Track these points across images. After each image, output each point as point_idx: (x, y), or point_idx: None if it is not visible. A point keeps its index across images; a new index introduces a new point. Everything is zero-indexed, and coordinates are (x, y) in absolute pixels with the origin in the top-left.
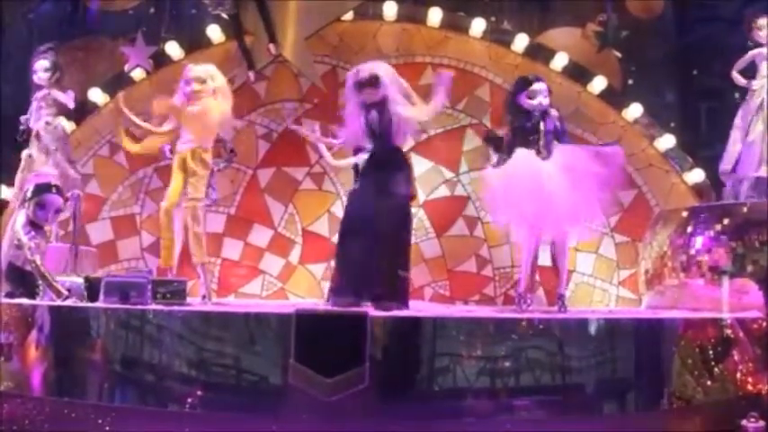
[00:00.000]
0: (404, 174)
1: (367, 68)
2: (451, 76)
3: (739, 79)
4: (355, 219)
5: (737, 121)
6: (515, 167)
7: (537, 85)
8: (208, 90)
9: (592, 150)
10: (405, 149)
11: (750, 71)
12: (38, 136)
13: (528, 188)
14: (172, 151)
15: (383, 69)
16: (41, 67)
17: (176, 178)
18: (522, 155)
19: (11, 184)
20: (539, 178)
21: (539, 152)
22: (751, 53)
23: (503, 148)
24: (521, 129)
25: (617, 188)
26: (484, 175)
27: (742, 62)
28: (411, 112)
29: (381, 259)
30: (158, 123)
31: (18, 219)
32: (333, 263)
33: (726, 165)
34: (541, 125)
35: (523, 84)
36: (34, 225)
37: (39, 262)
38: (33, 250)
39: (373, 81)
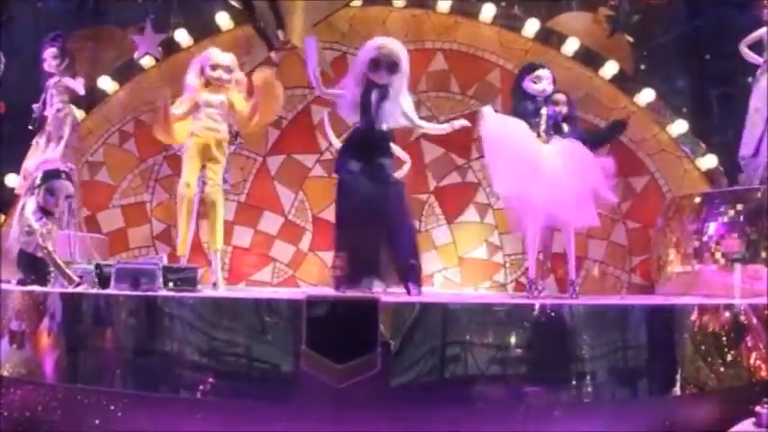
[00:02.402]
0: (393, 158)
1: (391, 50)
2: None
3: (749, 54)
4: (360, 204)
5: (755, 102)
6: (512, 136)
7: (541, 71)
8: (232, 80)
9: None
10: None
11: (757, 50)
12: (47, 123)
13: (523, 162)
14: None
15: (404, 58)
16: (51, 55)
17: (195, 164)
18: (522, 126)
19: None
20: (534, 156)
21: (539, 136)
22: (759, 31)
23: None
24: (523, 112)
25: (614, 176)
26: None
27: (750, 38)
28: (412, 114)
29: (392, 246)
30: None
31: (28, 205)
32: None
33: (746, 150)
34: (543, 110)
35: (529, 69)
36: (45, 211)
37: (50, 248)
38: (45, 237)
39: (393, 68)
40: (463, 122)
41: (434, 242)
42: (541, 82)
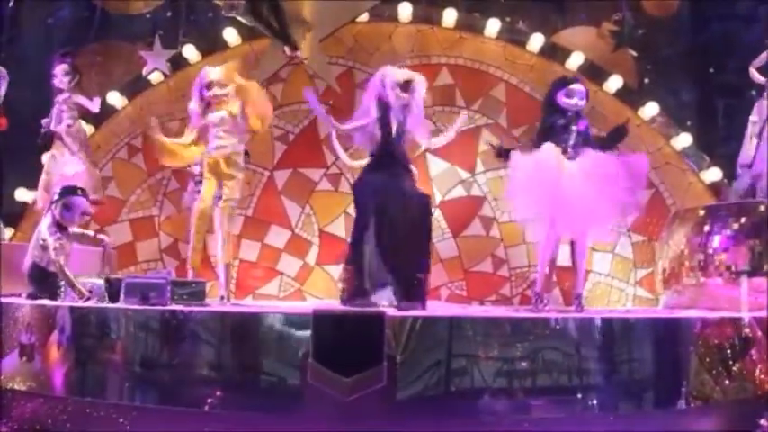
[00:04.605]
0: (413, 177)
1: (406, 72)
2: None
3: (757, 76)
4: (377, 218)
5: (753, 116)
6: (539, 161)
7: (576, 86)
8: (230, 93)
9: (619, 159)
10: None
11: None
12: (61, 138)
13: (549, 183)
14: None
15: (421, 79)
16: (62, 71)
17: (210, 183)
18: (548, 149)
19: (30, 186)
20: (561, 175)
21: (566, 151)
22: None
23: (527, 146)
24: (552, 126)
25: (640, 194)
26: (511, 164)
27: (759, 60)
28: (426, 133)
29: (402, 260)
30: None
31: (44, 220)
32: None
33: (744, 159)
34: (573, 126)
35: (563, 82)
36: (60, 226)
37: (62, 262)
38: (58, 251)
39: (409, 86)
40: (463, 118)
41: (440, 255)
42: (574, 96)
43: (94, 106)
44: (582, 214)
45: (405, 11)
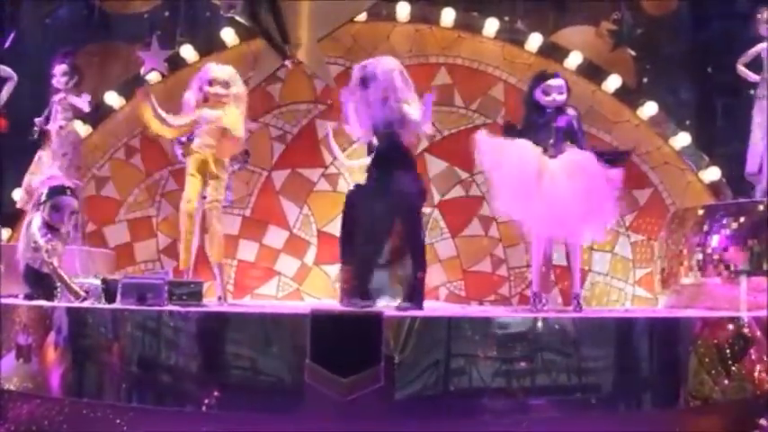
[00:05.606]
0: (412, 171)
1: (370, 64)
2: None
3: (746, 73)
4: (367, 218)
5: (756, 119)
6: (517, 161)
7: (553, 81)
8: (230, 95)
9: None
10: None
11: (757, 65)
12: (50, 138)
13: (528, 183)
14: (185, 154)
15: (385, 66)
16: (60, 71)
17: (195, 180)
18: (524, 147)
19: None
20: (541, 175)
21: (546, 150)
22: (756, 47)
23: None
24: (533, 124)
25: (621, 189)
26: (479, 142)
27: (747, 56)
28: (413, 112)
29: (397, 260)
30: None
31: (33, 221)
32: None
33: (753, 167)
34: (553, 123)
35: (540, 78)
36: (50, 227)
37: (56, 264)
38: (50, 253)
39: (372, 77)
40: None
41: (439, 255)
42: (552, 93)
43: (84, 104)
44: (568, 214)
45: (403, 10)
